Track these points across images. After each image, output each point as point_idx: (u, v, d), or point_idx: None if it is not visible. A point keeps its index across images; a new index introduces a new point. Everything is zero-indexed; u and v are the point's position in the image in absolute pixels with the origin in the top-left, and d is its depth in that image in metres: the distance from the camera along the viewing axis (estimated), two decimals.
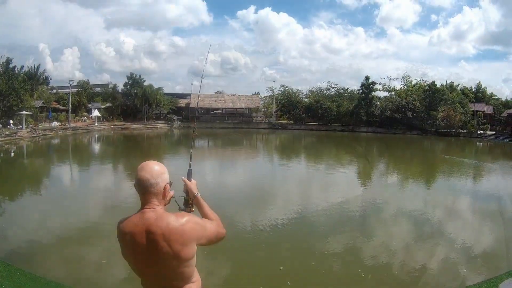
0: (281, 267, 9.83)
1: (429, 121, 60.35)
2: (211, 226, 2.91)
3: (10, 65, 50.33)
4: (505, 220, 15.15)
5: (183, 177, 3.21)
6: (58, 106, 63.04)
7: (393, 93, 71.53)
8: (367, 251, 11.33)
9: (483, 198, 19.83)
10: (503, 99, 72.93)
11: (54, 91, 67.74)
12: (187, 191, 3.14)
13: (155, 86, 75.32)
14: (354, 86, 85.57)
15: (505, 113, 61.66)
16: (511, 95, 74.64)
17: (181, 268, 2.74)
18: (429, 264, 10.19)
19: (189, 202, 3.10)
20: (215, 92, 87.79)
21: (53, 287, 7.40)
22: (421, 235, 13.01)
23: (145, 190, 2.74)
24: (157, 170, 2.78)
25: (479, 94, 70.08)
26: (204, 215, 3.00)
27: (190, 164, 3.39)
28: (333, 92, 79.10)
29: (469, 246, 11.82)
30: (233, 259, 10.64)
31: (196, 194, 3.10)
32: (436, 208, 17.54)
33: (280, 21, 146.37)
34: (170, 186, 2.86)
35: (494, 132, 54.02)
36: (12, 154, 35.04)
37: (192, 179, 3.22)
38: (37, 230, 12.92)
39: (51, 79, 68.09)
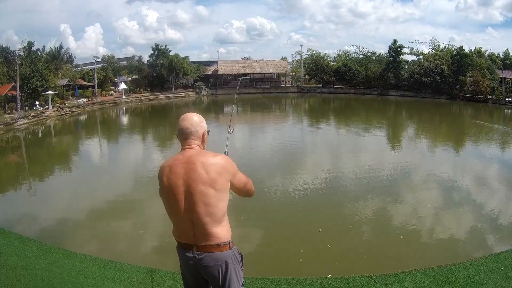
0: (320, 230, 10.51)
1: (458, 86, 59.71)
2: (242, 175, 3.23)
3: (33, 48, 50.48)
4: None
5: None
6: (84, 82, 63.18)
7: (421, 57, 70.37)
8: (403, 215, 12.07)
9: (508, 165, 20.04)
10: None
11: (79, 68, 68.05)
12: None
13: (181, 55, 74.62)
14: (381, 50, 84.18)
15: None
16: None
17: (216, 200, 2.96)
18: (458, 230, 10.92)
19: None
20: (242, 58, 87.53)
21: (88, 261, 7.23)
22: (451, 202, 13.68)
23: (186, 137, 3.11)
24: (196, 120, 3.18)
25: (506, 61, 67.86)
26: None
27: (226, 147, 3.87)
28: (361, 56, 78.07)
29: (498, 214, 12.39)
30: (273, 223, 11.43)
31: None
32: (469, 174, 18.06)
33: None
34: (208, 134, 3.24)
35: None
36: (40, 134, 35.63)
37: None
38: (69, 208, 13.54)
39: (75, 57, 68.93)
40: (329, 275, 6.52)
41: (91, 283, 5.88)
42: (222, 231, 3.02)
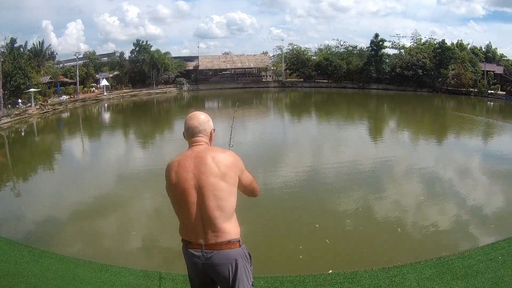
0: (317, 225, 10.47)
1: (440, 79, 60.42)
2: (249, 173, 3.25)
3: (15, 45, 49.96)
4: None
5: None
6: (65, 79, 61.98)
7: (402, 50, 70.94)
8: (398, 208, 12.14)
9: (498, 157, 20.20)
10: None
11: (61, 65, 66.59)
12: None
13: (162, 51, 73.99)
14: (362, 44, 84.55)
15: None
16: None
17: (226, 193, 2.94)
18: (453, 222, 11.02)
19: None
20: (223, 53, 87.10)
21: (82, 266, 7.08)
22: (444, 194, 13.76)
23: (194, 135, 3.12)
24: (203, 119, 3.18)
25: (489, 55, 68.83)
26: None
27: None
28: (342, 50, 78.34)
29: (491, 204, 12.55)
30: (269, 220, 11.30)
31: None
32: (462, 167, 18.18)
33: None
34: (214, 132, 3.25)
35: (505, 93, 53.63)
36: (23, 133, 34.94)
37: None
38: (57, 209, 13.09)
39: (57, 54, 67.37)
40: (330, 271, 6.47)
41: None
42: (232, 227, 2.96)
